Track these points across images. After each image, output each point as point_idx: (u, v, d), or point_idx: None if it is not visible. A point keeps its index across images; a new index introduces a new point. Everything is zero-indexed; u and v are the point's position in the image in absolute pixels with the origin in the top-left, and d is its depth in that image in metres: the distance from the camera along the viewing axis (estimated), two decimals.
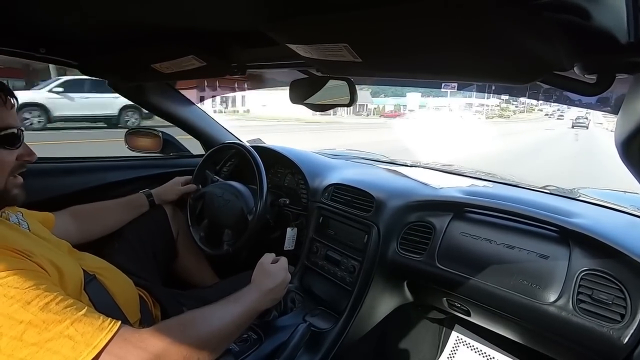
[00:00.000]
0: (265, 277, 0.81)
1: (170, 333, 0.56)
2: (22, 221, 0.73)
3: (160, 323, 0.61)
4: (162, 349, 0.54)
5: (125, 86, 1.31)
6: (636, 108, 0.36)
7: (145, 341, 0.54)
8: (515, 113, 45.24)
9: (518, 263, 0.80)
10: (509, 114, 42.54)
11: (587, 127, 22.76)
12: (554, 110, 40.84)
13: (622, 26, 0.34)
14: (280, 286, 0.82)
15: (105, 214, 1.05)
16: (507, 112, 44.28)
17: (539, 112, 46.66)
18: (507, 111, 44.23)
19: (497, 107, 43.96)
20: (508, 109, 45.56)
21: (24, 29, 0.82)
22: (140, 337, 0.55)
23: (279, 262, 0.86)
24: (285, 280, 0.83)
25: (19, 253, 0.57)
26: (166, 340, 0.55)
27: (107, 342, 0.51)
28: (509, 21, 0.38)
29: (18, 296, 0.50)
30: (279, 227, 1.26)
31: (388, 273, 1.01)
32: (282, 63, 0.90)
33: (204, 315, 0.65)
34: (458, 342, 1.24)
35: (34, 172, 1.12)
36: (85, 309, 0.53)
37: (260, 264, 0.85)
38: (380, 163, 1.50)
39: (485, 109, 41.09)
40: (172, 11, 0.66)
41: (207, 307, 0.67)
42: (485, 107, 41.57)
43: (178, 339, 0.56)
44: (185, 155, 1.53)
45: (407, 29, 0.45)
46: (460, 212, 0.95)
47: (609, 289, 0.69)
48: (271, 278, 0.81)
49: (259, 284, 0.79)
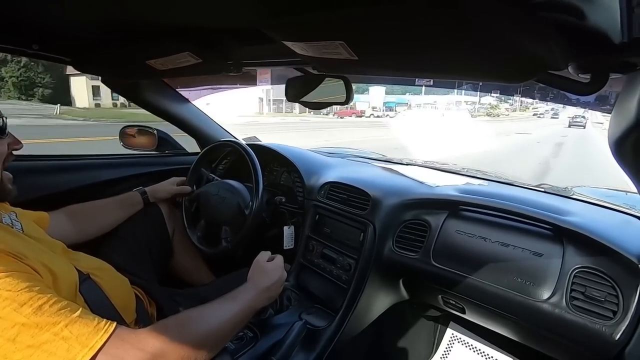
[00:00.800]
0: (261, 275, 0.80)
1: (167, 332, 0.56)
2: (16, 222, 0.72)
3: (157, 323, 0.61)
4: (160, 349, 0.54)
5: (120, 83, 1.30)
6: (629, 107, 0.36)
7: (142, 341, 0.54)
8: (508, 112, 42.82)
9: (512, 261, 0.81)
10: (498, 112, 40.30)
11: (584, 127, 21.49)
12: (546, 109, 38.86)
13: (615, 26, 0.34)
14: (276, 284, 0.82)
15: (101, 213, 1.04)
16: (497, 110, 41.12)
17: (534, 109, 44.22)
18: (496, 109, 41.36)
19: (489, 104, 41.67)
20: (498, 107, 42.74)
21: (16, 25, 0.81)
22: (138, 337, 0.54)
23: (274, 260, 0.86)
24: (281, 278, 0.83)
25: (11, 255, 0.56)
26: (164, 340, 0.55)
27: (103, 342, 0.50)
28: (503, 20, 0.38)
29: (11, 299, 0.49)
30: (275, 225, 1.26)
31: (384, 271, 1.01)
32: (278, 61, 0.90)
33: (201, 314, 0.65)
34: (453, 339, 1.25)
35: (28, 169, 1.12)
36: (80, 311, 0.53)
37: (256, 262, 0.85)
38: (376, 161, 1.51)
39: (473, 106, 38.99)
40: (168, 7, 0.65)
41: (203, 306, 0.67)
42: (473, 105, 39.47)
43: (175, 338, 0.56)
44: (181, 153, 1.52)
45: (403, 27, 0.45)
46: (455, 210, 0.96)
47: (601, 286, 0.70)
48: (267, 276, 0.80)
49: (255, 282, 0.79)
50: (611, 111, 0.43)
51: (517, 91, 6.55)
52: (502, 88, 4.33)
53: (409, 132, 15.55)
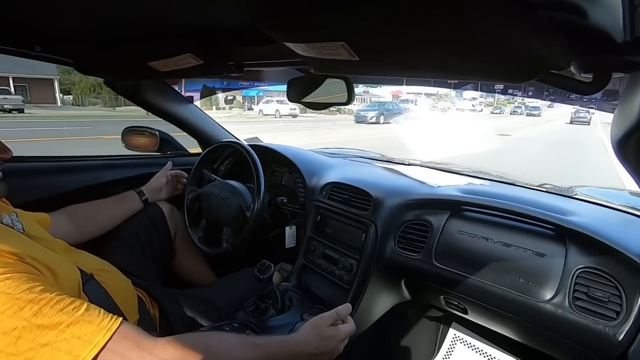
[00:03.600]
0: (313, 337, 0.68)
1: (174, 351, 0.54)
2: (17, 222, 0.72)
3: (179, 337, 0.58)
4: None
5: (122, 84, 1.30)
6: (632, 106, 0.36)
7: (160, 350, 0.54)
8: (479, 107, 34.14)
9: (515, 261, 0.80)
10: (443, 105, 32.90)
11: (588, 123, 18.93)
12: (521, 104, 32.13)
13: (618, 25, 0.34)
14: (324, 355, 0.69)
15: (100, 212, 1.04)
16: (441, 102, 34.30)
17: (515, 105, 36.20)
18: (441, 100, 34.80)
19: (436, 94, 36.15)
20: (444, 98, 36.26)
21: (18, 26, 0.82)
22: (153, 344, 0.54)
23: (338, 327, 0.72)
24: (333, 350, 0.69)
25: (12, 256, 0.56)
26: (167, 357, 0.53)
27: (107, 340, 0.50)
28: (505, 20, 0.38)
29: (12, 301, 0.49)
30: (276, 225, 1.26)
31: (385, 271, 1.01)
32: (280, 62, 0.90)
33: (218, 348, 0.60)
34: (455, 339, 1.24)
35: (30, 170, 1.12)
36: (84, 308, 0.53)
37: (320, 318, 0.71)
38: (377, 162, 1.50)
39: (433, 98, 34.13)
40: (170, 9, 0.65)
41: (230, 336, 0.65)
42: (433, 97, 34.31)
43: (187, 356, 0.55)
44: (183, 154, 1.52)
45: (404, 28, 0.45)
46: (457, 211, 0.95)
47: (604, 286, 0.69)
48: (319, 339, 0.68)
49: (298, 338, 0.67)
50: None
51: (523, 90, 6.37)
52: (504, 87, 4.28)
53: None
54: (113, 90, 1.30)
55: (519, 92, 7.73)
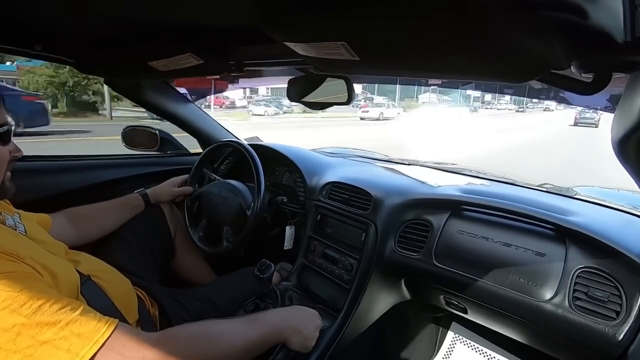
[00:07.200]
0: (295, 310, 0.81)
1: (174, 344, 0.56)
2: (19, 224, 0.72)
3: (168, 331, 0.60)
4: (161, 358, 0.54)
5: (122, 84, 1.30)
6: (633, 106, 0.36)
7: (148, 346, 0.54)
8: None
9: (515, 261, 0.80)
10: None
11: (596, 125, 15.71)
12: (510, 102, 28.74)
13: (618, 25, 0.34)
14: (309, 322, 0.79)
15: (102, 216, 1.04)
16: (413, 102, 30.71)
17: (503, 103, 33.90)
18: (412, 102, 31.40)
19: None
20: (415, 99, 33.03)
21: (19, 25, 0.82)
22: (144, 339, 0.55)
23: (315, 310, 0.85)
24: (316, 323, 0.81)
25: (13, 257, 0.56)
26: (168, 351, 0.54)
27: (105, 339, 0.51)
28: (506, 19, 0.38)
29: (10, 299, 0.49)
30: (276, 225, 1.26)
31: (385, 271, 1.01)
32: (280, 61, 0.90)
33: (216, 331, 0.64)
34: (455, 339, 1.24)
35: (30, 170, 1.12)
36: (81, 309, 0.53)
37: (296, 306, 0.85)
38: (377, 161, 1.50)
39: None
40: (170, 8, 0.65)
41: (221, 321, 0.68)
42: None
43: (181, 352, 0.56)
44: (183, 154, 1.52)
45: (405, 27, 0.45)
46: (458, 210, 0.95)
47: (604, 286, 0.69)
48: (300, 312, 0.80)
49: (285, 312, 0.79)
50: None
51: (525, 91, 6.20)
52: (506, 88, 4.27)
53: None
54: (113, 89, 1.30)
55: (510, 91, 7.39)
